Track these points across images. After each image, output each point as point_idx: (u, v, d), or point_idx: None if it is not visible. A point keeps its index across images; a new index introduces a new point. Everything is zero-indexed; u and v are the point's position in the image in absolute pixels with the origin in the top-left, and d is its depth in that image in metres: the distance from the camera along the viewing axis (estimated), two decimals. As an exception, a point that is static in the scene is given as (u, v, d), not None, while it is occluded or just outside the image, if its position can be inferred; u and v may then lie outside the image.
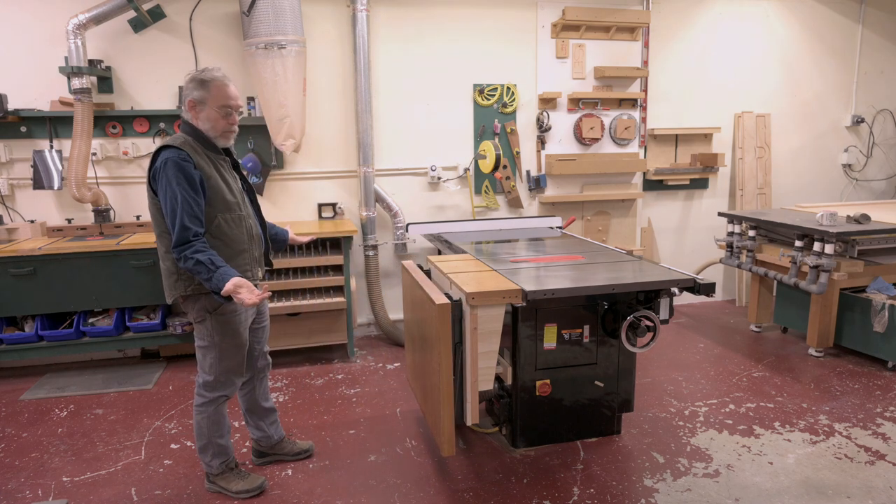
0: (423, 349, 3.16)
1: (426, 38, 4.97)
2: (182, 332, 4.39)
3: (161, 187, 2.45)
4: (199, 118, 2.54)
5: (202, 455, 2.88)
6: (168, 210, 2.44)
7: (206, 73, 2.52)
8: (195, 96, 2.51)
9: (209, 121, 2.53)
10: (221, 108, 2.53)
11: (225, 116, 2.54)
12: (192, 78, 2.53)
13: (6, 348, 4.20)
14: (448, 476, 3.04)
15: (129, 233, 4.51)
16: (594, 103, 5.32)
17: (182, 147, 2.49)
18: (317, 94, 4.82)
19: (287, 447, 3.18)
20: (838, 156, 6.21)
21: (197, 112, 2.53)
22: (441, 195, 5.21)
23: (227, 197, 2.58)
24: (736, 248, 4.92)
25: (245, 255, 2.68)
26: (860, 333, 4.32)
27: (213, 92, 2.51)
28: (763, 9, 5.73)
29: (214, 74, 2.53)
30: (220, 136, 2.58)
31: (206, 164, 2.54)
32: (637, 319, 2.98)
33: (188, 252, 2.40)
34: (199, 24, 4.59)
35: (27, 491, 2.97)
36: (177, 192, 2.41)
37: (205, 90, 2.51)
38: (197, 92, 2.51)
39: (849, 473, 3.00)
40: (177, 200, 2.41)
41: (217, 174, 2.58)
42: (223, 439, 2.87)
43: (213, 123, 2.54)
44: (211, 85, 2.50)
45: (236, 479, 2.89)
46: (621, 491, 2.89)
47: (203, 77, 2.51)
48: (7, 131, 4.43)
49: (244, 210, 2.68)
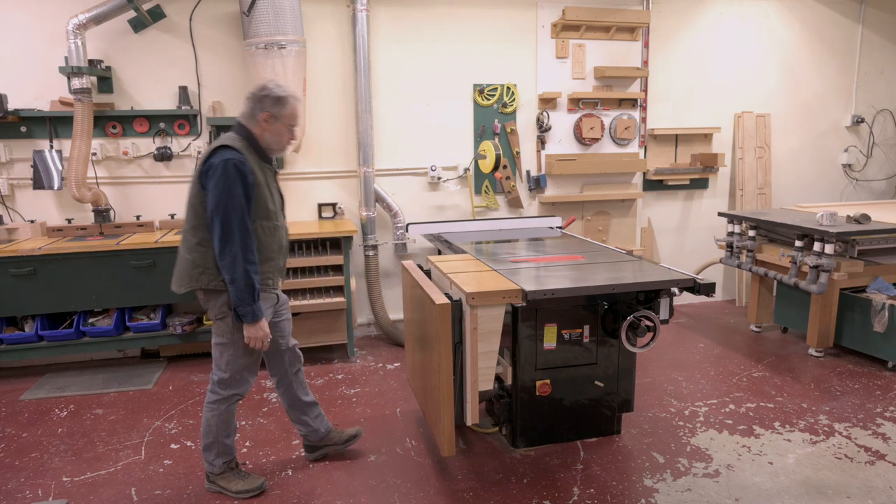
0: (423, 349, 3.16)
1: (426, 37, 4.97)
2: (182, 332, 4.39)
3: (215, 185, 2.50)
4: (268, 130, 2.65)
5: (206, 453, 2.89)
6: (220, 208, 2.49)
7: (281, 90, 2.64)
8: (272, 111, 2.62)
9: (277, 134, 2.67)
10: (290, 125, 2.69)
11: (290, 132, 2.71)
12: (269, 93, 2.62)
13: (6, 348, 4.20)
14: (448, 476, 3.04)
15: (129, 233, 4.51)
16: (594, 103, 5.32)
17: (241, 150, 2.58)
18: (317, 94, 4.82)
19: (335, 437, 3.20)
20: (838, 156, 6.21)
21: (269, 125, 2.64)
22: (441, 195, 5.21)
23: (268, 205, 2.67)
24: (736, 248, 4.92)
25: (271, 263, 2.73)
26: (860, 333, 4.32)
27: (289, 110, 2.65)
28: (763, 9, 5.73)
29: (289, 93, 2.66)
30: (281, 148, 2.74)
31: (258, 171, 2.64)
32: (637, 319, 2.98)
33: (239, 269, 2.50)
34: (199, 24, 4.59)
35: (27, 491, 2.97)
36: (235, 193, 2.50)
37: (281, 107, 2.63)
38: (274, 107, 2.62)
39: (849, 473, 3.00)
40: (233, 200, 2.50)
41: (265, 182, 2.66)
42: (229, 439, 2.89)
43: (279, 137, 2.68)
44: (287, 103, 2.64)
45: (237, 479, 2.90)
46: (621, 491, 2.89)
47: (280, 94, 2.63)
48: (7, 131, 4.43)
49: (280, 220, 2.76)
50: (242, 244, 2.51)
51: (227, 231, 2.49)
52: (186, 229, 2.66)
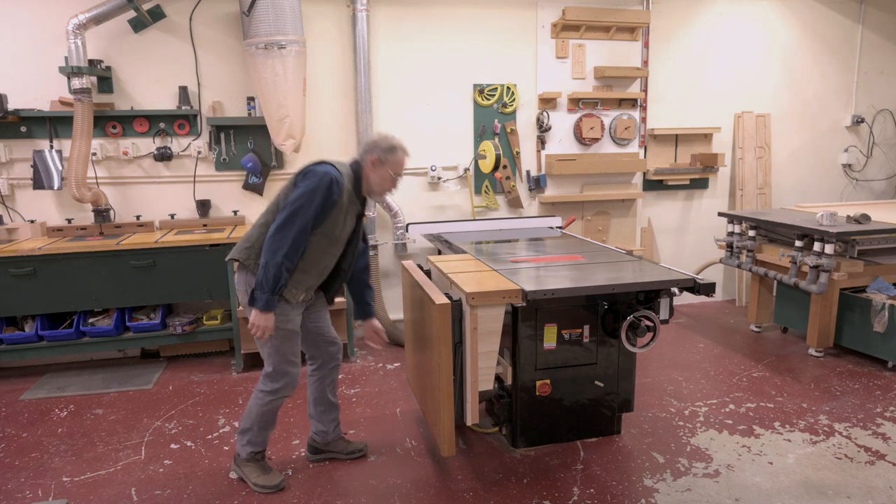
0: (423, 349, 3.16)
1: (426, 37, 4.97)
2: (182, 332, 4.39)
3: (305, 186, 2.67)
4: (373, 172, 2.84)
5: (240, 436, 2.96)
6: (296, 203, 2.64)
7: (395, 141, 2.88)
8: (381, 157, 2.82)
9: (381, 178, 2.85)
10: (395, 174, 2.88)
11: (392, 180, 2.89)
12: (383, 141, 2.85)
13: (6, 348, 4.20)
14: (448, 476, 3.04)
15: (129, 233, 4.51)
16: (594, 103, 5.32)
17: (344, 177, 2.76)
18: (317, 94, 4.82)
19: (342, 446, 3.22)
20: (838, 156, 6.21)
21: (375, 167, 2.83)
22: (441, 195, 5.21)
23: (334, 230, 2.78)
24: (736, 248, 4.92)
25: (305, 275, 2.78)
26: (860, 333, 4.32)
27: (396, 159, 2.86)
28: (763, 9, 5.73)
29: (401, 145, 2.89)
30: (380, 192, 2.91)
31: (346, 199, 2.78)
32: (637, 319, 2.98)
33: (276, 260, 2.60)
34: (199, 24, 4.59)
35: (27, 491, 2.97)
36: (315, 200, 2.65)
37: (390, 154, 2.83)
38: (383, 153, 2.83)
39: (849, 473, 3.00)
40: (311, 205, 2.64)
41: (345, 211, 2.79)
42: (264, 432, 2.96)
43: (382, 181, 2.86)
44: (397, 153, 2.85)
45: (259, 472, 2.95)
46: (621, 491, 2.89)
47: (393, 144, 2.86)
48: (7, 131, 4.43)
49: (333, 249, 2.84)
50: (293, 243, 2.61)
51: (289, 224, 2.61)
52: (264, 210, 2.83)
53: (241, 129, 4.75)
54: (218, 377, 4.33)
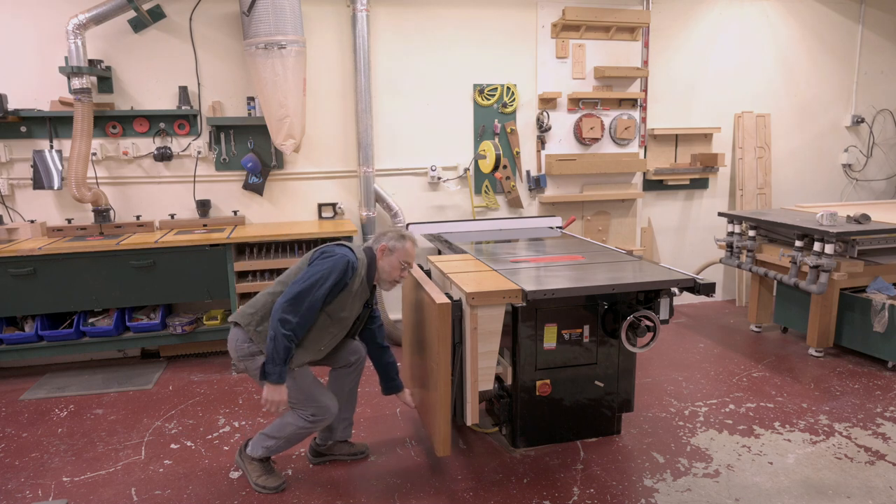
0: (422, 349, 3.16)
1: (426, 38, 4.97)
2: (182, 332, 4.39)
3: (321, 265, 2.74)
4: (383, 259, 2.92)
5: (262, 438, 2.95)
6: (310, 280, 2.69)
7: (405, 231, 3.00)
8: (390, 245, 2.92)
9: (390, 267, 2.92)
10: (403, 262, 2.93)
11: (402, 269, 2.95)
12: (394, 231, 2.97)
13: (6, 348, 4.20)
14: (448, 476, 3.04)
15: (129, 233, 4.51)
16: (594, 103, 5.32)
17: (359, 263, 2.84)
18: (317, 94, 4.82)
19: (345, 448, 3.22)
20: (838, 156, 6.21)
21: (384, 256, 2.92)
22: (441, 195, 5.21)
23: (342, 312, 2.84)
24: (736, 248, 4.92)
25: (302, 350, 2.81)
26: (860, 333, 4.32)
27: (406, 248, 2.93)
28: (763, 9, 5.73)
29: (410, 236, 2.98)
30: (389, 281, 2.96)
31: (357, 284, 2.85)
32: (637, 319, 2.98)
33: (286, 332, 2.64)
34: (199, 24, 4.59)
35: (27, 491, 2.97)
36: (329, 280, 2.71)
37: (400, 243, 2.92)
38: (393, 242, 2.93)
39: (849, 473, 2.99)
40: (325, 283, 2.70)
41: (354, 295, 2.85)
42: (287, 447, 2.98)
43: (391, 269, 2.93)
44: (406, 242, 2.93)
45: (262, 472, 2.95)
46: (621, 491, 2.89)
47: (403, 234, 2.96)
48: (7, 131, 4.43)
49: (333, 330, 2.89)
50: (301, 318, 2.66)
51: (300, 301, 2.65)
52: (275, 281, 2.91)
53: (241, 129, 4.75)
54: (218, 377, 4.33)
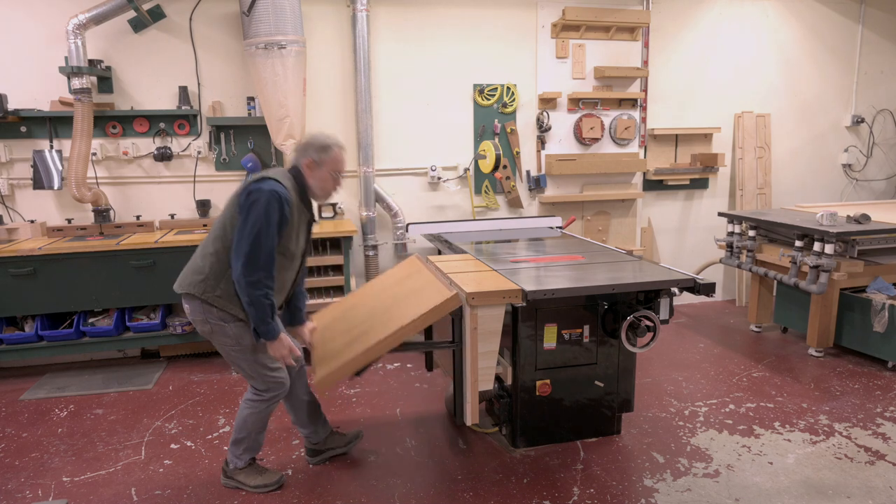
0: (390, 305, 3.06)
1: (426, 37, 4.97)
2: (182, 332, 4.39)
3: (256, 211, 2.56)
4: (311, 176, 2.76)
5: (235, 447, 2.91)
6: (250, 234, 2.55)
7: (328, 139, 2.78)
8: (315, 157, 2.74)
9: (321, 180, 2.77)
10: (335, 172, 2.78)
11: (335, 180, 2.81)
12: (314, 142, 2.76)
13: (6, 348, 4.20)
14: (448, 476, 3.04)
15: (129, 233, 4.51)
16: (594, 103, 5.32)
17: (289, 191, 2.68)
18: (317, 94, 4.82)
19: (338, 440, 3.20)
20: (838, 156, 6.21)
21: (312, 171, 2.76)
22: (441, 195, 5.21)
23: (291, 246, 2.74)
24: (736, 248, 4.92)
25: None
26: (860, 333, 4.32)
27: (332, 157, 2.76)
28: (763, 9, 5.73)
29: (334, 142, 2.78)
30: (325, 195, 2.83)
31: (296, 212, 2.73)
32: (637, 319, 2.98)
33: (260, 292, 2.56)
34: (199, 24, 4.59)
35: (27, 491, 2.97)
36: (272, 224, 2.58)
37: (325, 154, 2.74)
38: (317, 154, 2.74)
39: (849, 473, 3.00)
40: (269, 229, 2.57)
41: (297, 224, 2.75)
42: (261, 435, 2.94)
43: (323, 184, 2.78)
44: (331, 151, 2.75)
45: (255, 474, 2.93)
46: (621, 491, 2.89)
47: (325, 143, 2.76)
48: (7, 131, 4.43)
49: (294, 263, 2.82)
50: (265, 272, 2.57)
51: (255, 256, 2.54)
52: (209, 237, 2.74)
53: (241, 129, 4.75)
54: (218, 377, 4.33)
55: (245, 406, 2.86)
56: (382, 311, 3.01)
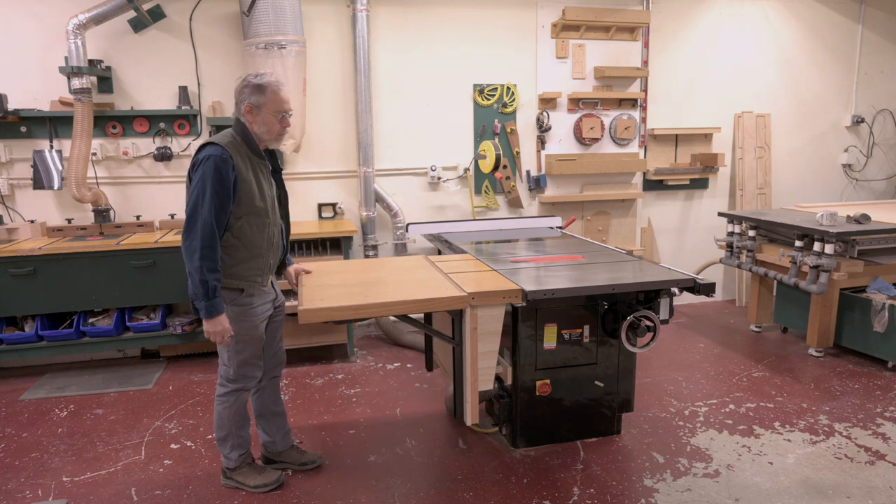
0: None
1: (426, 38, 4.97)
2: (182, 332, 4.39)
3: (195, 179, 2.51)
4: (255, 122, 2.61)
5: (221, 447, 2.89)
6: (192, 202, 2.50)
7: (261, 78, 2.59)
8: (252, 101, 2.58)
9: (265, 125, 2.61)
10: (277, 112, 2.60)
11: (280, 121, 2.62)
12: (248, 83, 2.59)
13: (6, 348, 4.20)
14: (448, 476, 3.04)
15: (129, 233, 4.51)
16: (594, 103, 5.32)
17: (226, 147, 2.55)
18: (317, 94, 4.82)
19: (294, 456, 3.11)
20: (838, 156, 6.21)
21: (254, 116, 2.60)
22: (441, 195, 5.21)
23: (256, 202, 2.62)
24: (736, 248, 4.92)
25: (259, 260, 2.69)
26: (860, 333, 4.32)
27: (270, 97, 2.58)
28: (763, 9, 5.73)
29: (269, 80, 2.60)
30: (274, 139, 2.65)
31: (244, 167, 2.59)
32: (637, 319, 2.98)
33: (197, 264, 2.47)
34: (199, 24, 4.59)
35: (27, 491, 2.97)
36: (207, 190, 2.48)
37: (262, 95, 2.58)
38: (254, 97, 2.58)
39: (849, 473, 2.99)
40: (204, 197, 2.48)
41: (253, 178, 2.62)
42: (243, 430, 2.88)
43: (268, 127, 2.61)
44: (267, 90, 2.58)
45: (254, 474, 2.90)
46: (621, 491, 2.89)
47: (259, 82, 2.58)
48: (7, 131, 4.43)
49: (271, 217, 2.70)
50: (203, 242, 2.47)
51: (191, 225, 2.49)
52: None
53: (241, 129, 4.74)
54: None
55: (217, 403, 2.82)
56: (388, 282, 3.02)
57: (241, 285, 2.66)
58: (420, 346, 4.72)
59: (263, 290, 2.75)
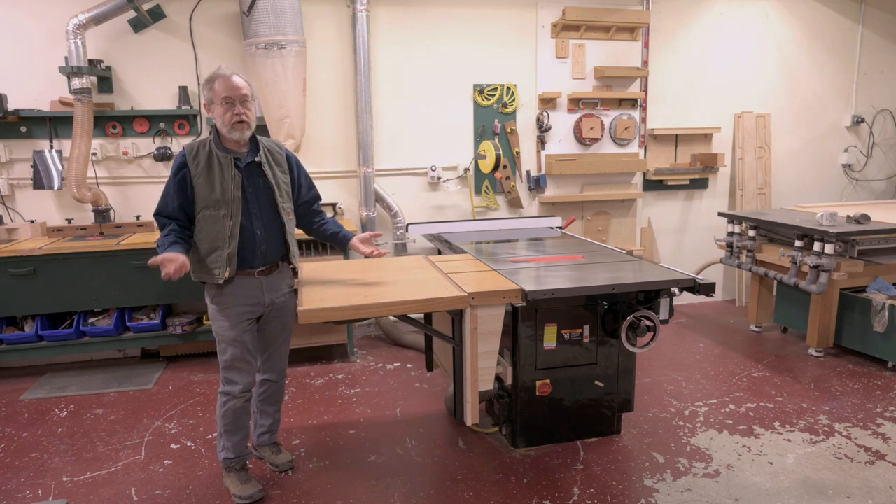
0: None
1: (426, 37, 4.97)
2: (182, 332, 4.39)
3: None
4: (214, 116, 2.62)
5: (217, 442, 2.90)
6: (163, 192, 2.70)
7: (212, 72, 2.59)
8: (206, 97, 2.62)
9: (219, 117, 2.59)
10: (224, 100, 2.56)
11: (228, 109, 2.55)
12: (204, 81, 2.63)
13: (6, 348, 4.20)
14: (448, 476, 3.04)
15: (129, 233, 4.51)
16: (594, 103, 5.32)
17: (191, 147, 2.65)
18: (317, 94, 4.82)
19: (268, 453, 3.12)
20: (838, 156, 6.21)
21: (212, 112, 2.61)
22: (441, 195, 5.21)
23: (210, 195, 2.62)
24: (736, 248, 4.92)
25: (216, 253, 2.63)
26: (860, 333, 4.32)
27: (217, 88, 2.56)
28: (763, 9, 5.73)
29: (217, 71, 2.58)
30: (230, 128, 2.58)
31: (203, 163, 2.62)
32: (637, 319, 2.98)
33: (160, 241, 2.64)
34: (199, 24, 4.59)
35: (27, 491, 2.97)
36: (166, 197, 2.68)
37: (210, 89, 2.59)
38: (206, 92, 2.60)
39: (849, 473, 3.00)
40: (163, 193, 2.69)
41: (209, 172, 2.61)
42: (233, 437, 2.81)
43: (221, 118, 2.58)
44: (214, 82, 2.57)
45: (236, 482, 2.85)
46: (621, 491, 2.89)
47: (208, 77, 2.59)
48: (7, 131, 4.43)
49: (228, 209, 2.61)
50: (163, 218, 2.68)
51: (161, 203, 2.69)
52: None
53: (241, 129, 4.74)
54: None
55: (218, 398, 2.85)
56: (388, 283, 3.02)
57: (204, 278, 2.70)
58: (420, 346, 4.72)
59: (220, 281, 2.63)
